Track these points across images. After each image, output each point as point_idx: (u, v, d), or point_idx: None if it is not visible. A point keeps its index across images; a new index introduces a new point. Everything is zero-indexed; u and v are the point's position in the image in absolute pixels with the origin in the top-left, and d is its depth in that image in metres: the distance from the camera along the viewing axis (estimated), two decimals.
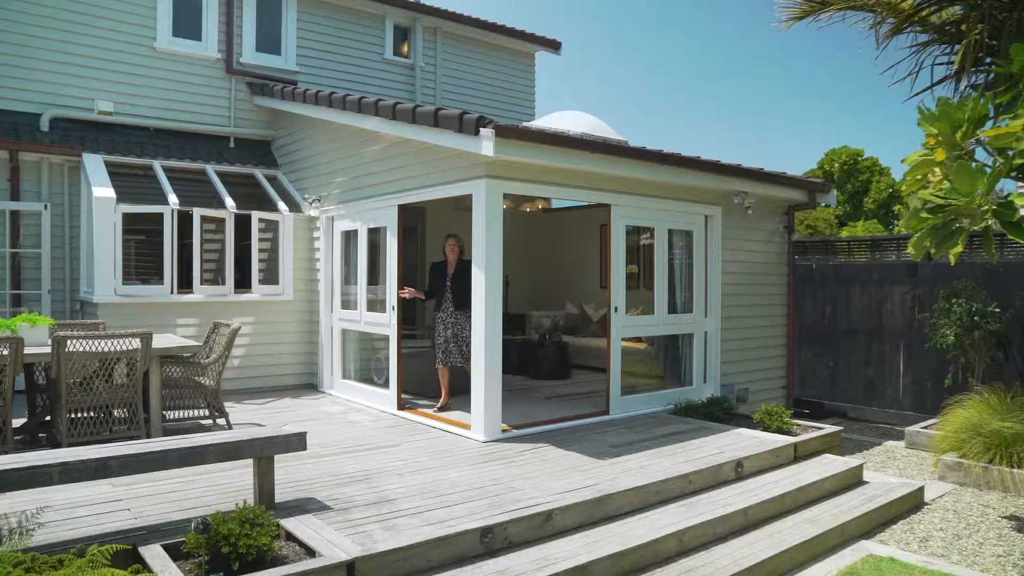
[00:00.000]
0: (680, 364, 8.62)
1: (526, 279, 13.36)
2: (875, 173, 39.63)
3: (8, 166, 8.59)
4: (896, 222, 36.07)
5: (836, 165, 40.10)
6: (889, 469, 7.60)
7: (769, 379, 9.50)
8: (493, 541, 4.25)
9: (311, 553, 3.79)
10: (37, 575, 3.08)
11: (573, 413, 7.58)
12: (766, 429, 6.92)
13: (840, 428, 7.28)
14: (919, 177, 5.28)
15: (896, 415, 9.97)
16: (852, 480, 6.25)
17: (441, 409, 7.61)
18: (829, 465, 6.29)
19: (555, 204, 12.95)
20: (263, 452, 4.34)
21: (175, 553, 3.72)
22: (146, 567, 3.59)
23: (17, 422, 6.13)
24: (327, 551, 3.74)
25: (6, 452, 5.36)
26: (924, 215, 4.92)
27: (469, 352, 7.09)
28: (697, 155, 8.00)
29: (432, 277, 7.86)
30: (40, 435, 6.25)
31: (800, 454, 6.47)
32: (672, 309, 8.35)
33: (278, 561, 3.66)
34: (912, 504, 6.15)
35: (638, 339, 9.33)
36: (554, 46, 14.39)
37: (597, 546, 4.33)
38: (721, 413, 7.46)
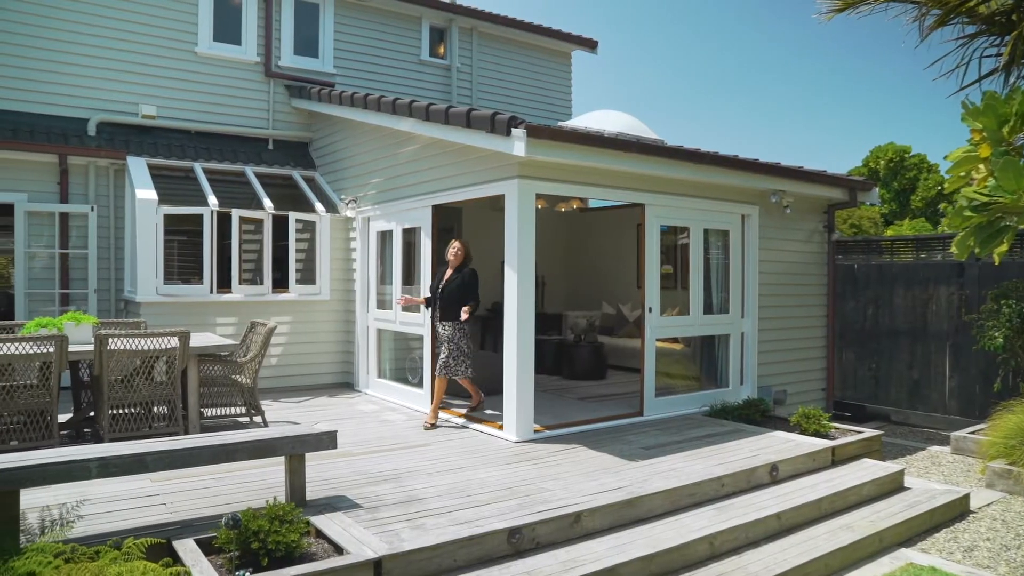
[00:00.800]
0: (716, 365, 8.51)
1: (563, 279, 13.35)
2: (923, 170, 38.64)
3: (58, 169, 8.86)
4: (943, 220, 35.07)
5: (882, 162, 39.18)
6: (933, 475, 7.39)
7: (808, 381, 9.31)
8: (521, 542, 4.24)
9: (339, 550, 3.83)
10: (75, 565, 3.16)
11: (606, 414, 7.53)
12: (803, 432, 6.78)
13: (881, 432, 7.09)
14: (963, 174, 5.12)
15: (942, 419, 9.70)
16: (892, 486, 6.09)
17: (473, 409, 7.55)
18: (868, 470, 6.14)
19: (592, 204, 12.90)
20: (294, 450, 4.39)
21: (207, 548, 3.79)
22: (179, 561, 3.67)
23: (63, 417, 6.32)
24: (355, 549, 3.77)
25: (52, 446, 5.51)
26: (968, 213, 4.75)
27: (464, 360, 7.04)
28: (735, 154, 7.89)
29: (433, 283, 7.49)
30: (85, 430, 6.43)
31: (838, 458, 6.33)
32: (708, 310, 8.25)
33: (306, 558, 3.71)
34: (957, 512, 5.96)
35: (674, 340, 9.23)
36: (591, 45, 14.33)
37: (626, 548, 4.29)
38: (757, 415, 7.34)
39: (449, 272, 7.20)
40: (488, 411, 7.54)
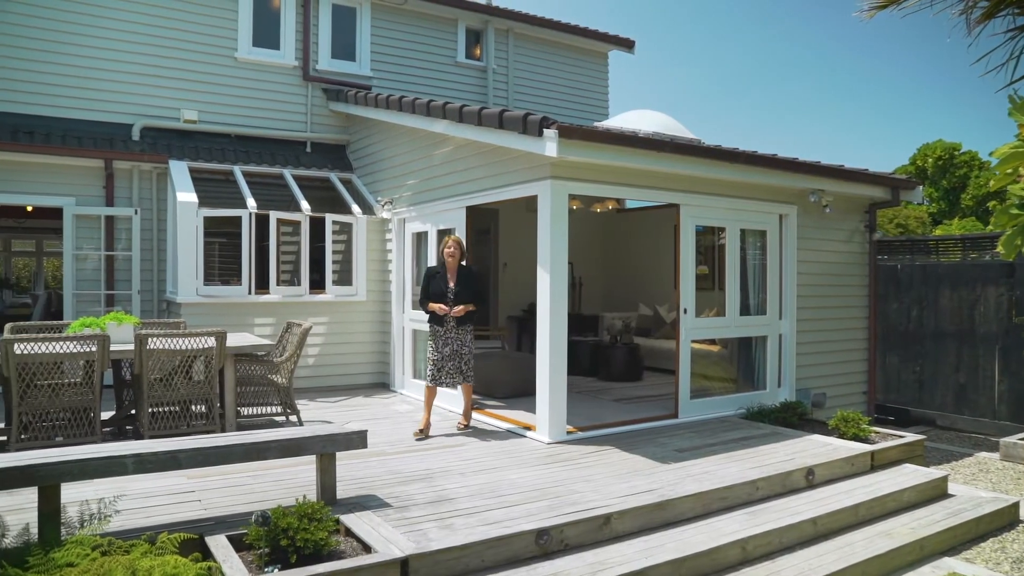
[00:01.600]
0: (754, 367, 8.37)
1: (600, 280, 13.29)
2: (974, 168, 37.52)
3: (104, 174, 9.11)
4: (991, 219, 34.01)
5: (930, 160, 38.17)
6: (980, 482, 7.17)
7: (848, 384, 9.10)
8: (549, 543, 4.23)
9: (367, 549, 3.85)
10: (110, 558, 3.24)
11: (641, 416, 7.47)
12: (841, 436, 6.63)
13: (923, 437, 6.90)
14: (1009, 171, 4.96)
15: (991, 424, 9.40)
16: (935, 492, 5.92)
17: (467, 426, 6.98)
18: (909, 475, 5.98)
19: (629, 204, 12.82)
20: (324, 449, 4.45)
21: (238, 544, 3.85)
22: (211, 556, 3.73)
23: (106, 414, 6.49)
24: (382, 548, 3.80)
25: (94, 442, 5.67)
26: (1015, 211, 4.60)
27: (470, 369, 6.79)
28: (774, 153, 7.76)
29: (427, 286, 6.88)
30: (127, 427, 6.60)
31: (877, 463, 6.18)
32: (745, 311, 8.13)
33: (334, 555, 3.74)
34: (1005, 521, 5.77)
35: (711, 341, 9.11)
36: (628, 45, 14.23)
37: (655, 552, 4.24)
38: (794, 418, 7.20)
39: (451, 274, 6.79)
40: (521, 411, 7.53)
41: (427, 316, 6.92)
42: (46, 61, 9.28)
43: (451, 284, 6.75)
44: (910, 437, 6.72)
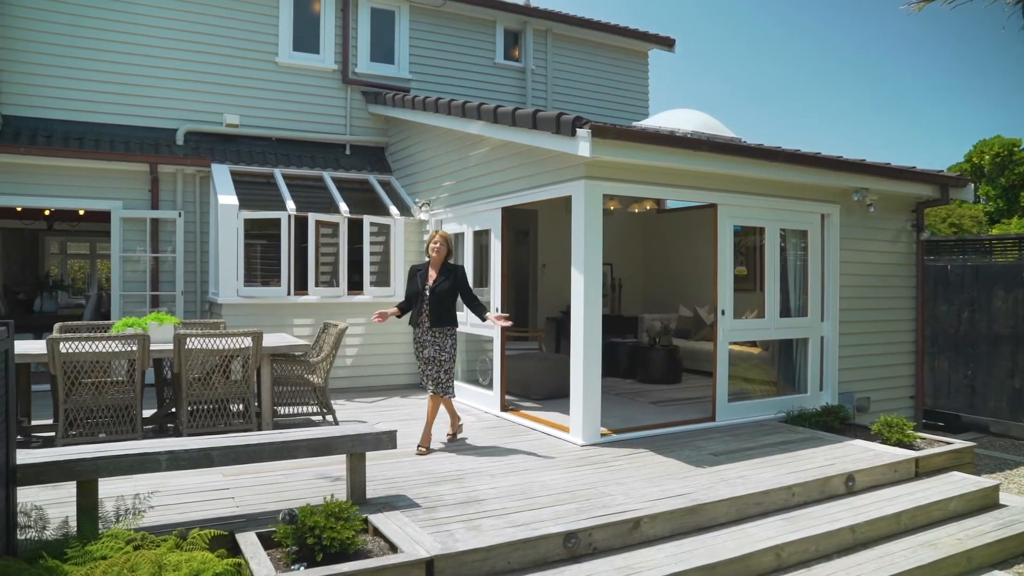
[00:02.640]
0: (795, 370, 8.19)
1: (639, 281, 13.17)
2: None
3: (149, 178, 9.34)
4: None
5: (987, 157, 36.90)
6: None
7: (894, 388, 8.83)
8: (577, 546, 4.18)
9: (394, 549, 3.86)
10: (139, 552, 3.30)
11: (677, 419, 7.36)
12: (884, 441, 6.43)
13: (973, 444, 6.65)
14: None
15: None
16: (985, 502, 5.69)
17: (455, 437, 6.57)
18: (957, 484, 5.76)
19: (669, 204, 12.68)
20: (353, 449, 4.47)
21: (267, 542, 3.90)
22: (240, 553, 3.78)
23: (148, 412, 6.65)
24: (408, 548, 3.80)
25: (135, 439, 5.81)
26: None
27: (448, 379, 6.18)
28: (817, 152, 7.58)
29: (409, 284, 6.38)
30: (168, 425, 6.74)
31: (923, 470, 5.97)
32: (786, 312, 7.95)
33: (361, 555, 3.76)
34: None
35: (752, 343, 8.94)
36: (668, 44, 14.08)
37: (686, 557, 4.17)
38: (836, 423, 7.00)
39: (433, 271, 6.25)
40: (555, 413, 7.49)
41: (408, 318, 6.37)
42: (93, 69, 9.57)
43: (430, 282, 6.17)
44: (958, 444, 6.49)
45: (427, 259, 6.38)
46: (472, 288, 6.48)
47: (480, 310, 6.31)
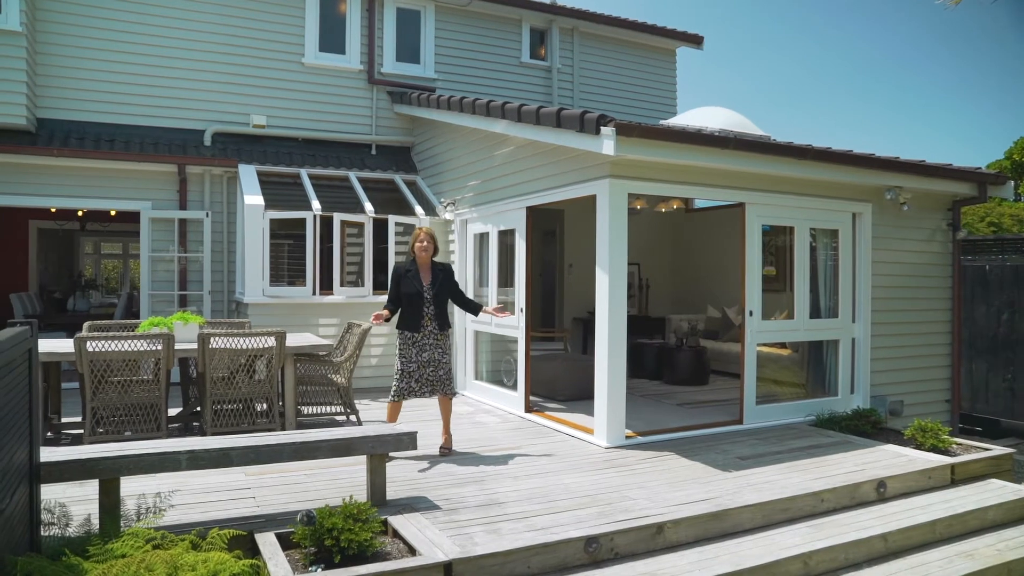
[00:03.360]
0: (825, 372, 8.01)
1: (667, 281, 13.03)
2: None
3: (177, 178, 9.45)
4: None
5: None
6: None
7: (929, 391, 8.60)
8: (598, 551, 4.11)
9: (412, 551, 3.83)
10: (156, 552, 3.30)
11: (703, 421, 7.25)
12: (918, 447, 6.25)
13: (1012, 450, 6.43)
14: None
15: None
16: None
17: (450, 451, 6.06)
18: (995, 492, 5.57)
19: (697, 204, 12.54)
20: (373, 450, 4.45)
21: (286, 542, 3.89)
22: (259, 553, 3.77)
23: (174, 411, 6.71)
24: (426, 551, 3.76)
25: (160, 437, 5.86)
26: None
27: (448, 376, 6.00)
28: (848, 149, 7.41)
29: (397, 286, 6.00)
30: (194, 424, 6.79)
31: (958, 477, 5.79)
32: (815, 313, 7.79)
33: (379, 557, 3.73)
34: None
35: (782, 345, 8.78)
36: (696, 41, 13.91)
37: (710, 564, 4.07)
38: (867, 427, 6.83)
39: (426, 272, 6.01)
40: (580, 414, 7.42)
41: (398, 320, 6.04)
42: (124, 72, 9.70)
43: (426, 283, 5.96)
44: (997, 450, 6.28)
45: (412, 258, 6.05)
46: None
47: (473, 307, 6.34)
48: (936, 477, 5.66)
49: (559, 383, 8.52)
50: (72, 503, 4.21)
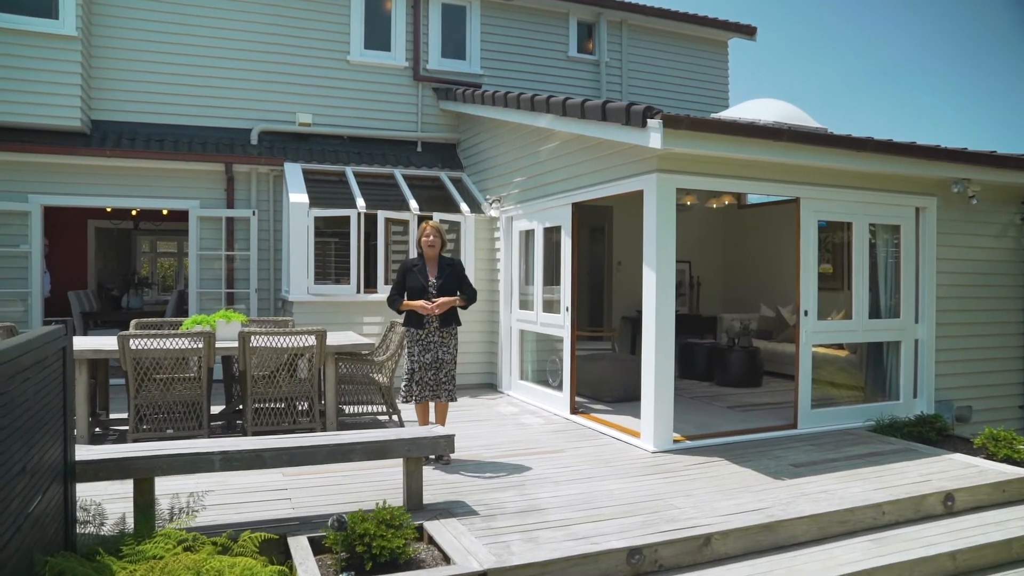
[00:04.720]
0: (886, 375, 7.62)
1: (719, 279, 12.68)
2: None
3: (224, 177, 9.54)
4: None
5: None
6: None
7: (1000, 397, 8.12)
8: (641, 563, 3.92)
9: (447, 560, 3.70)
10: (184, 555, 3.24)
11: (755, 425, 6.96)
12: (989, 457, 5.85)
13: None
14: None
15: None
16: None
17: (448, 462, 5.63)
18: None
19: (750, 200, 12.15)
20: (408, 453, 4.33)
21: (319, 547, 3.80)
22: (290, 557, 3.69)
23: (216, 409, 6.73)
24: (460, 559, 3.63)
25: (202, 436, 5.87)
26: None
27: (452, 383, 5.80)
28: (912, 141, 7.02)
29: (403, 281, 5.82)
30: (237, 422, 6.80)
31: None
32: (875, 313, 7.41)
33: (411, 565, 3.61)
34: None
35: (839, 346, 8.40)
36: (748, 32, 13.49)
37: None
38: (932, 434, 6.45)
39: (433, 267, 5.82)
40: (626, 416, 7.20)
41: (404, 317, 5.88)
42: (174, 73, 9.82)
43: (432, 277, 5.77)
44: None
45: (418, 252, 5.93)
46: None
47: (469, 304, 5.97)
48: (1011, 491, 5.27)
49: (605, 384, 8.32)
50: (111, 500, 4.20)
